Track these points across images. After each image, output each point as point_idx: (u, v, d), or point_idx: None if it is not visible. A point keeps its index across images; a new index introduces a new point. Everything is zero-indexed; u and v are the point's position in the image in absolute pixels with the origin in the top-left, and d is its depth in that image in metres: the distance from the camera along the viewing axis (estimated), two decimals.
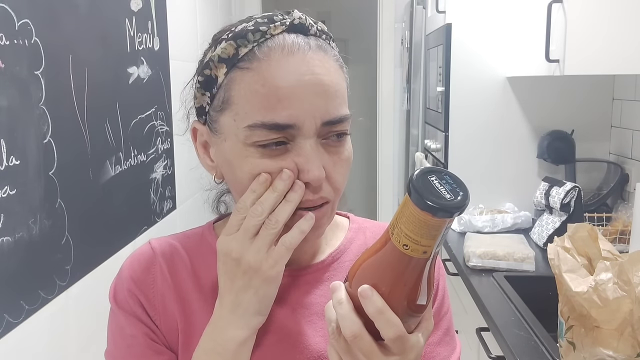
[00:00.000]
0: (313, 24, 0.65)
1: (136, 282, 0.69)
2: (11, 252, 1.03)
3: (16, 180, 1.05)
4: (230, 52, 0.62)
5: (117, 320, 0.70)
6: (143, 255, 0.71)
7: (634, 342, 0.95)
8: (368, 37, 3.85)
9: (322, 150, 0.63)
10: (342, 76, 0.66)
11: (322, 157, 0.62)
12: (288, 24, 0.63)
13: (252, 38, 0.62)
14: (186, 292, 0.69)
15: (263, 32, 0.62)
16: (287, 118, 0.60)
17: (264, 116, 0.60)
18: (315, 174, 0.61)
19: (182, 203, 2.08)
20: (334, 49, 0.66)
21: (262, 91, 0.60)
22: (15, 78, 1.05)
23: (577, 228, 1.09)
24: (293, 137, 0.61)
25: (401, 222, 0.51)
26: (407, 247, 0.51)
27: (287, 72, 0.60)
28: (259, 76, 0.61)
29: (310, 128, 0.61)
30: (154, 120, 1.77)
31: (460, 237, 2.04)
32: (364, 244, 0.75)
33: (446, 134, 2.25)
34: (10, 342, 1.03)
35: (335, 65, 0.65)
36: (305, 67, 0.61)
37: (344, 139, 0.65)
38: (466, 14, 2.18)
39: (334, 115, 0.62)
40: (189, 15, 2.22)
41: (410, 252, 0.51)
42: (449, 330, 0.75)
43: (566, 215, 1.86)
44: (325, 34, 0.67)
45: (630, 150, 2.03)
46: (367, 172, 4.11)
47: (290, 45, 0.62)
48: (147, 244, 0.73)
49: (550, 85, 2.15)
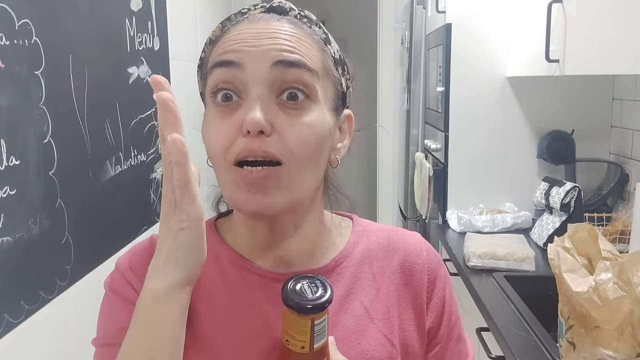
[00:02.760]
0: (294, 9, 0.66)
1: (134, 272, 0.68)
2: (11, 252, 1.03)
3: (16, 180, 1.05)
4: (217, 33, 0.66)
5: (111, 304, 0.67)
6: (142, 249, 0.70)
7: (634, 342, 0.95)
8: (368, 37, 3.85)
9: (275, 107, 0.60)
10: (314, 48, 0.64)
11: (271, 112, 0.60)
12: (267, 7, 0.66)
13: (234, 19, 0.66)
14: None
15: (243, 13, 0.66)
16: (233, 56, 0.61)
17: (216, 58, 0.62)
18: (249, 118, 0.58)
19: None
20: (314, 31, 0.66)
21: (221, 46, 0.63)
22: (15, 78, 1.05)
23: (577, 228, 1.09)
24: (244, 87, 0.60)
25: (284, 323, 0.60)
26: (289, 343, 0.59)
27: (244, 29, 0.63)
28: (221, 41, 0.64)
29: (258, 71, 0.60)
30: (154, 120, 1.77)
31: (460, 237, 2.04)
32: (367, 248, 0.73)
33: (446, 134, 2.25)
34: (10, 342, 1.03)
35: (306, 38, 0.64)
36: (265, 28, 0.62)
37: (306, 103, 0.61)
38: (466, 14, 2.18)
39: (285, 57, 0.60)
40: (189, 15, 2.22)
41: (292, 347, 0.59)
42: (460, 337, 0.75)
43: (566, 215, 1.86)
44: (307, 18, 0.67)
45: (630, 150, 2.03)
46: (367, 172, 4.11)
47: (258, 18, 0.64)
48: (149, 237, 0.72)
49: (550, 85, 2.15)
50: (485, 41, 2.17)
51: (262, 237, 0.68)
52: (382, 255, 0.73)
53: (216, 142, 0.61)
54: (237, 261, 0.69)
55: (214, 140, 0.62)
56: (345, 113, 0.70)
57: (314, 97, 0.62)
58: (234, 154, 0.60)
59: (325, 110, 0.64)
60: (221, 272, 0.69)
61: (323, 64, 0.64)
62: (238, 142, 0.60)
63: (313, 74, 0.62)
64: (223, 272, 0.69)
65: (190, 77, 0.70)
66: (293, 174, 0.61)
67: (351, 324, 0.67)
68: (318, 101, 0.63)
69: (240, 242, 0.70)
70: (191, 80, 0.76)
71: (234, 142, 0.60)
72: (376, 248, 0.73)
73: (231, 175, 0.61)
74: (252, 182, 0.60)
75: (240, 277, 0.68)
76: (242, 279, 0.68)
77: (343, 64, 0.69)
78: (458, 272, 1.82)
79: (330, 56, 0.66)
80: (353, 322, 0.68)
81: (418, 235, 0.76)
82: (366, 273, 0.71)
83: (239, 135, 0.60)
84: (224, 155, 0.61)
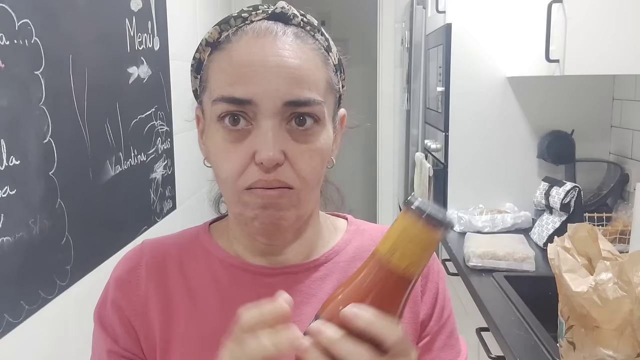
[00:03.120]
0: (297, 15, 0.65)
1: (119, 284, 0.69)
2: (11, 252, 1.03)
3: (16, 180, 1.05)
4: (215, 36, 0.64)
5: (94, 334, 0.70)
6: (131, 255, 0.72)
7: (634, 342, 0.95)
8: (368, 37, 3.85)
9: (285, 135, 0.61)
10: (319, 67, 0.64)
11: (282, 141, 0.60)
12: (270, 12, 0.64)
13: (234, 23, 0.64)
14: (171, 293, 0.68)
15: (244, 19, 0.64)
16: (244, 93, 0.59)
17: (225, 90, 0.61)
18: (264, 154, 0.58)
19: (182, 203, 2.08)
20: (318, 41, 0.65)
21: (227, 69, 0.61)
22: (15, 78, 1.05)
23: (577, 228, 1.09)
24: (255, 115, 0.60)
25: (404, 245, 0.49)
26: (408, 270, 0.49)
27: (253, 52, 0.61)
28: (227, 55, 0.62)
29: (270, 107, 0.59)
30: (154, 120, 1.77)
31: (460, 237, 2.04)
32: (361, 245, 0.73)
33: (446, 134, 2.25)
34: (10, 342, 1.03)
35: (311, 54, 0.63)
36: (273, 49, 0.61)
37: (314, 128, 0.62)
38: (466, 14, 2.18)
39: (296, 96, 0.60)
40: (189, 15, 2.22)
41: (411, 273, 0.50)
42: (452, 333, 0.74)
43: (566, 215, 1.86)
44: (310, 25, 0.66)
45: (630, 150, 2.03)
46: (367, 172, 4.11)
47: (264, 30, 0.62)
48: (140, 244, 0.73)
49: (550, 85, 2.15)
50: (485, 41, 2.17)
51: (260, 245, 0.68)
52: None
53: (227, 169, 0.62)
54: (226, 259, 0.70)
55: (224, 166, 0.62)
56: (340, 114, 0.70)
57: (321, 122, 0.63)
58: (247, 183, 0.61)
59: (329, 126, 0.65)
60: (210, 272, 0.69)
61: (327, 83, 0.64)
62: (251, 171, 0.60)
63: (321, 105, 0.62)
64: (212, 272, 0.69)
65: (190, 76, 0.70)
66: (303, 196, 0.63)
67: None
68: (324, 122, 0.63)
69: (236, 245, 0.70)
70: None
71: (246, 169, 0.61)
72: (370, 245, 0.73)
73: (243, 198, 0.62)
74: (266, 199, 0.61)
75: (229, 274, 0.69)
76: (232, 277, 0.68)
77: (342, 67, 0.69)
78: (458, 272, 1.82)
79: (332, 67, 0.66)
80: None
81: None
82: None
83: (251, 162, 0.60)
84: (234, 182, 0.62)
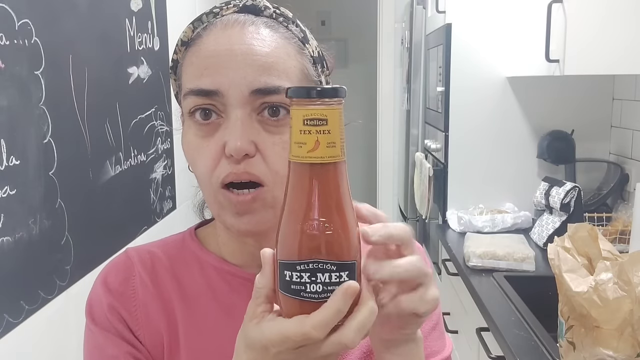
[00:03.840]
0: (269, 7, 0.64)
1: (115, 295, 0.65)
2: (11, 252, 1.03)
3: (16, 180, 1.05)
4: (189, 34, 0.63)
5: (96, 340, 0.65)
6: (120, 265, 0.68)
7: (634, 342, 0.95)
8: (368, 37, 3.85)
9: (256, 126, 0.59)
10: (291, 55, 0.61)
11: (253, 132, 0.58)
12: (241, 6, 0.63)
13: (206, 19, 0.63)
14: (170, 301, 0.67)
15: (215, 14, 0.63)
16: (210, 84, 0.58)
17: (192, 83, 0.60)
18: (231, 144, 0.57)
19: (182, 203, 2.08)
20: (291, 31, 0.63)
21: (195, 62, 0.60)
22: (15, 78, 1.05)
23: (577, 228, 1.09)
24: (224, 108, 0.59)
25: (292, 131, 0.46)
26: (298, 150, 0.46)
27: (219, 42, 0.60)
28: (196, 50, 0.61)
29: (237, 97, 0.58)
30: (154, 120, 1.77)
31: (460, 237, 2.04)
32: None
33: (446, 134, 2.25)
34: (10, 342, 1.03)
35: (282, 43, 0.61)
36: (240, 38, 0.59)
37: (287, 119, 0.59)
38: (466, 14, 2.18)
39: (264, 83, 0.58)
40: (189, 15, 2.22)
41: (300, 154, 0.46)
42: (437, 325, 0.72)
43: (566, 215, 1.86)
44: (283, 17, 0.64)
45: (630, 150, 2.03)
46: (367, 172, 4.11)
47: (232, 21, 0.61)
48: (124, 253, 0.70)
49: (550, 85, 2.15)
50: (485, 41, 2.17)
51: (249, 247, 0.67)
52: None
53: (200, 165, 0.61)
54: (221, 267, 0.68)
55: (197, 162, 0.61)
56: None
57: None
58: (219, 178, 0.59)
59: None
60: (206, 280, 0.68)
61: (302, 72, 0.62)
62: (222, 165, 0.59)
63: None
64: (208, 280, 0.68)
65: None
66: (278, 195, 0.59)
67: None
68: None
69: (225, 249, 0.69)
70: None
71: (218, 164, 0.59)
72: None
73: (218, 198, 0.61)
74: (239, 205, 0.59)
75: (225, 282, 0.67)
76: (226, 284, 0.67)
77: (322, 61, 0.67)
78: (458, 272, 1.82)
79: (308, 57, 0.64)
80: None
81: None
82: None
83: (222, 156, 0.59)
84: (209, 179, 0.60)
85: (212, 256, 0.69)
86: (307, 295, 0.45)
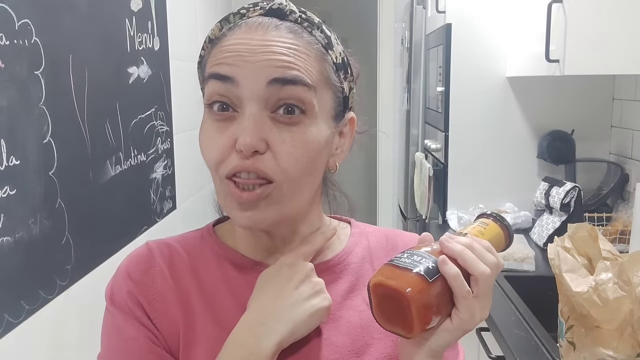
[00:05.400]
0: (295, 11, 0.65)
1: (136, 284, 0.67)
2: (11, 252, 1.03)
3: (16, 180, 1.05)
4: (217, 33, 0.65)
5: (115, 322, 0.66)
6: (141, 257, 0.70)
7: (634, 342, 0.95)
8: (368, 37, 3.84)
9: (269, 123, 0.60)
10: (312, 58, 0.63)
11: (265, 129, 0.60)
12: (267, 9, 0.64)
13: (233, 20, 0.65)
14: (187, 293, 0.68)
15: (242, 15, 0.65)
16: (228, 71, 0.60)
17: (211, 69, 0.62)
18: (242, 140, 0.59)
19: (182, 203, 2.08)
20: (315, 37, 0.64)
21: (217, 55, 0.63)
22: (15, 78, 1.05)
23: (577, 228, 1.09)
24: (240, 102, 0.60)
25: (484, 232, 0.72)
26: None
27: (241, 42, 0.61)
28: (219, 46, 0.63)
29: (252, 89, 0.59)
30: (154, 120, 1.77)
31: None
32: (367, 247, 0.74)
33: (446, 134, 2.25)
34: (10, 342, 1.03)
35: (304, 47, 0.62)
36: (261, 41, 0.61)
37: (301, 118, 0.61)
38: (466, 14, 2.18)
39: (281, 73, 0.59)
40: (189, 15, 2.22)
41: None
42: None
43: (566, 215, 1.86)
44: (309, 22, 0.65)
45: (630, 150, 2.03)
46: (367, 172, 4.11)
47: (257, 24, 0.63)
48: (145, 245, 0.71)
49: (550, 85, 2.15)
50: (485, 41, 2.17)
51: (263, 242, 0.69)
52: (382, 254, 0.74)
53: (210, 155, 0.62)
54: (237, 261, 0.70)
55: (208, 151, 0.63)
56: (347, 117, 0.69)
57: (309, 113, 0.62)
58: (227, 169, 0.61)
59: (321, 122, 0.63)
60: (223, 274, 0.69)
61: (322, 75, 0.63)
62: (232, 158, 0.61)
63: (310, 89, 0.61)
64: (225, 274, 0.69)
65: (190, 77, 0.70)
66: (285, 191, 0.62)
67: (355, 319, 0.68)
68: (314, 116, 0.62)
69: (241, 244, 0.71)
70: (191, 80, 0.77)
71: (228, 156, 0.61)
72: (376, 247, 0.75)
73: (224, 188, 0.62)
74: (242, 202, 0.61)
75: (243, 277, 0.69)
76: (244, 278, 0.68)
77: (346, 67, 0.67)
78: None
79: (331, 63, 0.65)
80: (356, 317, 0.69)
81: (416, 236, 0.77)
82: (367, 270, 0.72)
83: (233, 150, 0.60)
84: (217, 169, 0.62)
85: (229, 250, 0.71)
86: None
